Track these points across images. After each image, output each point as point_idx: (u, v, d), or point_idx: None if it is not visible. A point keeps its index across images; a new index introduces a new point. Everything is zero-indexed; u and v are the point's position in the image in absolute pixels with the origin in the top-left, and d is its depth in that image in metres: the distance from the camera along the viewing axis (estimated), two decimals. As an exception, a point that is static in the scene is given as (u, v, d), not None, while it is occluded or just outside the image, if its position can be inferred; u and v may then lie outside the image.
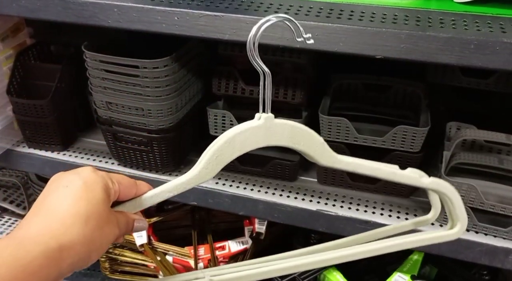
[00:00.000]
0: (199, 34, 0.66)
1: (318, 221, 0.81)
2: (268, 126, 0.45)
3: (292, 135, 0.46)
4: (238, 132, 0.45)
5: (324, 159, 0.48)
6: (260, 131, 0.45)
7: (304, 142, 0.47)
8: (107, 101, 0.81)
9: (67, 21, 0.72)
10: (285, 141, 0.46)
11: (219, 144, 0.45)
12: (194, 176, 0.46)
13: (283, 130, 0.45)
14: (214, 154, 0.45)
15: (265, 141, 0.46)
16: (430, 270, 0.94)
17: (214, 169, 0.46)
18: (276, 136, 0.46)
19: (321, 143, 0.47)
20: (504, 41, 0.56)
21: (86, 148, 0.97)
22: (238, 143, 0.45)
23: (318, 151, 0.47)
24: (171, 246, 0.98)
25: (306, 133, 0.47)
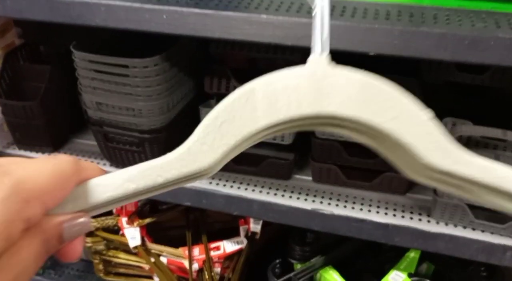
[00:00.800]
0: (189, 33, 0.65)
1: (313, 220, 0.80)
2: (322, 76, 0.28)
3: (363, 99, 0.28)
4: (264, 82, 0.28)
5: (436, 157, 0.28)
6: (306, 83, 0.28)
7: (390, 114, 0.28)
8: (97, 101, 0.80)
9: (54, 21, 0.70)
10: (350, 109, 0.28)
11: (230, 100, 0.29)
12: (179, 155, 0.29)
13: (347, 87, 0.28)
14: (217, 117, 0.28)
15: (312, 103, 0.28)
16: (427, 268, 0.93)
17: (216, 147, 0.28)
18: (334, 97, 0.28)
19: (424, 121, 0.28)
20: (498, 36, 0.55)
21: (77, 149, 0.95)
22: (263, 103, 0.28)
23: (422, 141, 0.28)
24: (165, 247, 0.97)
25: (393, 100, 0.28)
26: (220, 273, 0.98)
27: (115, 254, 1.02)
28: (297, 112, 0.29)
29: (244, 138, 0.29)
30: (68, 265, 1.13)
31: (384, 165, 0.79)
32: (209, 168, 0.29)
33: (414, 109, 0.28)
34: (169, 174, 0.29)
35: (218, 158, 0.29)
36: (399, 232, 0.76)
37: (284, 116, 0.29)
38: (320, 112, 0.29)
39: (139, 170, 0.29)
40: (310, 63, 0.29)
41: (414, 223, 0.76)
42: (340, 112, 0.28)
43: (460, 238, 0.73)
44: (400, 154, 0.30)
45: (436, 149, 0.28)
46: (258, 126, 0.29)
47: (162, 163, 0.29)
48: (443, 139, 0.28)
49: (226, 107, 0.29)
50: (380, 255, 0.97)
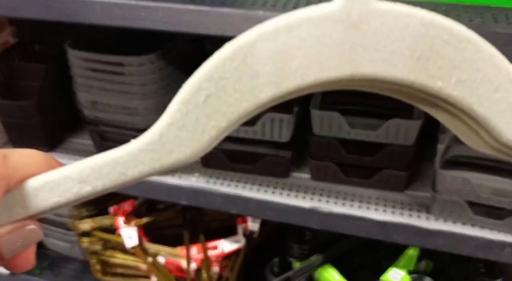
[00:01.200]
0: (185, 30, 0.64)
1: (311, 218, 0.79)
2: (360, 17, 0.20)
3: (422, 52, 0.20)
4: (270, 31, 0.20)
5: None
6: (335, 30, 0.20)
7: (458, 74, 0.20)
8: (93, 100, 0.80)
9: (48, 19, 0.69)
10: (399, 67, 0.20)
11: (217, 61, 0.21)
12: (148, 145, 0.21)
13: (398, 33, 0.20)
14: (199, 89, 0.21)
15: (344, 62, 0.20)
16: (426, 265, 0.93)
17: (201, 132, 0.21)
18: (376, 51, 0.20)
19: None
20: (496, 31, 0.54)
21: (73, 148, 0.95)
22: (268, 64, 0.20)
23: (504, 113, 0.21)
24: (162, 247, 0.96)
25: (467, 52, 0.20)
26: (218, 272, 0.97)
27: (112, 254, 1.02)
28: (320, 75, 0.20)
29: (240, 116, 0.21)
30: (66, 265, 1.12)
31: (382, 162, 0.78)
32: (192, 159, 0.22)
33: (496, 66, 0.20)
34: (136, 172, 0.21)
35: (205, 146, 0.21)
36: (397, 229, 0.76)
37: (300, 82, 0.20)
38: (353, 75, 0.20)
39: (94, 167, 0.22)
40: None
41: (412, 220, 0.75)
42: (384, 74, 0.20)
43: (458, 235, 0.73)
44: (459, 121, 0.23)
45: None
46: (260, 99, 0.20)
47: (125, 156, 0.21)
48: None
49: (212, 72, 0.20)
50: (379, 253, 0.97)
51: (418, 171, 0.84)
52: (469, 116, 0.21)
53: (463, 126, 0.23)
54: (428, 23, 0.20)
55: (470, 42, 0.20)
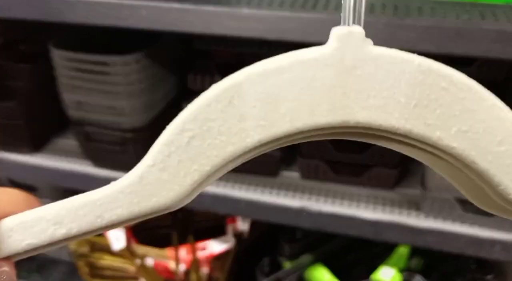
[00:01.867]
0: (170, 28, 0.63)
1: (301, 217, 0.79)
2: (353, 62, 0.19)
3: (418, 100, 0.19)
4: (258, 73, 0.19)
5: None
6: (327, 74, 0.19)
7: (458, 125, 0.19)
8: (78, 100, 0.78)
9: (32, 18, 0.68)
10: (395, 116, 0.19)
11: (202, 102, 0.20)
12: (127, 187, 0.20)
13: (394, 80, 0.19)
14: (183, 130, 0.20)
15: (335, 108, 0.19)
16: (417, 262, 0.93)
17: (183, 176, 0.20)
18: (370, 97, 0.19)
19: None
20: (483, 28, 0.54)
21: (59, 149, 0.93)
22: (255, 107, 0.19)
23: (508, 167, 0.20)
24: (151, 248, 0.95)
25: (467, 101, 0.19)
26: (208, 273, 0.96)
27: (100, 256, 1.00)
28: (309, 121, 0.19)
29: (225, 160, 0.20)
30: (54, 268, 1.11)
31: (372, 160, 0.78)
32: (174, 205, 0.21)
33: (499, 118, 0.19)
34: (114, 215, 0.20)
35: (187, 191, 0.20)
36: (387, 227, 0.75)
37: (288, 128, 0.19)
38: (346, 121, 0.19)
39: (70, 208, 0.20)
40: (336, 41, 0.19)
41: (402, 218, 0.75)
42: (378, 121, 0.19)
43: (449, 232, 0.72)
44: (467, 180, 0.21)
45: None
46: (246, 143, 0.19)
47: (103, 198, 0.20)
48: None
49: (197, 114, 0.19)
50: (370, 251, 0.97)
51: (408, 169, 0.84)
52: (473, 171, 0.20)
53: (468, 183, 0.22)
54: (425, 69, 0.19)
55: (471, 91, 0.19)
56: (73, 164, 0.88)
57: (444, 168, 0.22)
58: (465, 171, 0.20)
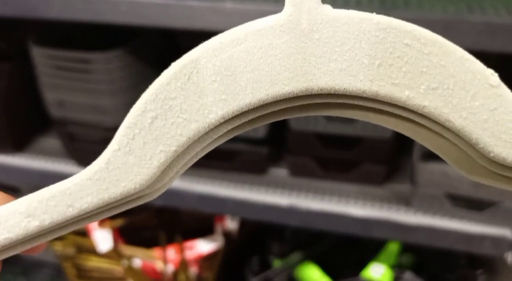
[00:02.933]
0: (151, 23, 0.62)
1: (290, 216, 0.78)
2: (310, 26, 0.18)
3: (382, 60, 0.18)
4: (214, 47, 0.19)
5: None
6: (284, 41, 0.18)
7: (427, 82, 0.18)
8: (59, 99, 0.76)
9: (6, 14, 0.66)
10: (359, 77, 0.18)
11: (162, 81, 0.19)
12: (94, 174, 0.20)
13: (354, 41, 0.18)
14: (145, 110, 0.19)
15: (296, 75, 0.18)
16: (407, 259, 0.93)
17: (149, 157, 0.19)
18: (331, 60, 0.18)
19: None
20: (471, 20, 0.53)
21: (42, 149, 0.91)
22: (214, 82, 0.19)
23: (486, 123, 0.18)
24: (138, 249, 0.93)
25: (434, 57, 0.18)
26: (197, 273, 0.95)
27: (87, 257, 0.99)
28: (271, 91, 0.18)
29: (191, 139, 0.19)
30: (39, 270, 1.09)
31: (361, 156, 0.77)
32: (145, 188, 0.20)
33: (469, 71, 0.18)
34: (84, 203, 0.20)
35: (155, 174, 0.19)
36: (377, 224, 0.75)
37: (250, 99, 0.18)
38: (309, 88, 0.18)
39: (41, 200, 0.20)
40: (290, 7, 0.18)
41: (392, 214, 0.74)
42: (343, 85, 0.18)
43: (438, 228, 0.72)
44: (451, 147, 0.21)
45: (510, 134, 0.18)
46: (210, 119, 0.19)
47: (72, 187, 0.20)
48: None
49: (158, 93, 0.19)
50: (360, 248, 0.96)
51: (396, 165, 0.83)
52: (450, 132, 0.19)
53: (453, 151, 0.21)
54: (386, 27, 0.18)
55: (436, 45, 0.18)
56: (57, 164, 0.86)
57: (426, 138, 0.21)
58: (444, 135, 0.20)
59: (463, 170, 0.22)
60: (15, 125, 0.88)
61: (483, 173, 0.21)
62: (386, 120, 0.21)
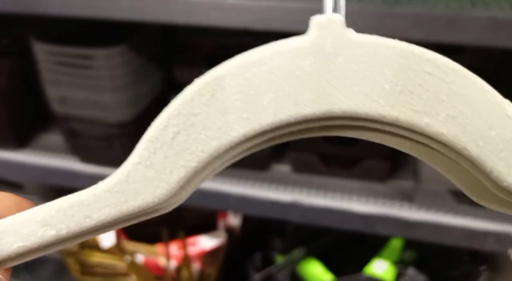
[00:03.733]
0: (152, 19, 0.61)
1: (293, 212, 0.77)
2: (334, 51, 0.18)
3: (403, 87, 0.18)
4: (239, 66, 0.19)
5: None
6: (307, 64, 0.18)
7: (446, 110, 0.18)
8: (62, 95, 0.76)
9: (7, 11, 0.66)
10: (380, 104, 0.18)
11: (185, 97, 0.19)
12: (114, 186, 0.20)
13: (376, 67, 0.18)
14: (167, 125, 0.19)
15: (318, 98, 0.19)
16: (410, 255, 0.92)
17: (169, 172, 0.19)
18: (353, 85, 0.18)
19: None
20: (474, 15, 0.53)
21: (44, 145, 0.91)
22: (238, 100, 0.19)
23: (501, 153, 0.19)
24: (141, 245, 0.94)
25: (454, 87, 0.18)
26: (200, 269, 0.95)
27: (90, 253, 0.99)
28: (293, 112, 0.19)
29: (211, 156, 0.19)
30: (43, 266, 1.09)
31: (364, 152, 0.76)
32: (163, 202, 0.20)
33: (488, 101, 0.18)
34: (102, 215, 0.20)
35: (174, 188, 0.20)
36: (380, 220, 0.74)
37: (272, 119, 0.19)
38: (331, 111, 0.19)
39: (59, 209, 0.20)
40: (315, 30, 0.18)
41: (395, 210, 0.74)
42: (364, 109, 0.18)
43: (442, 224, 0.72)
44: (463, 173, 0.21)
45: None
46: (231, 137, 0.19)
47: (90, 198, 0.20)
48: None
49: (181, 109, 0.19)
50: (363, 244, 0.96)
51: (399, 161, 0.83)
52: (465, 159, 0.19)
53: (466, 177, 0.21)
54: (409, 54, 0.18)
55: (457, 74, 0.18)
56: (59, 160, 0.87)
57: (439, 162, 0.21)
58: (458, 161, 0.20)
59: (473, 195, 0.22)
60: (17, 121, 0.88)
61: (494, 199, 0.21)
62: (401, 143, 0.21)
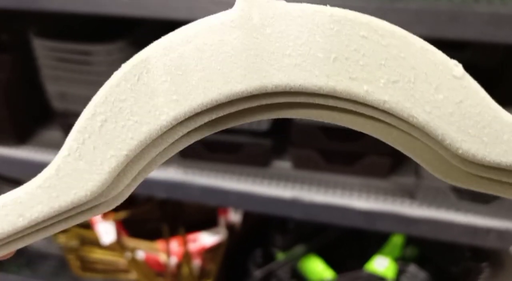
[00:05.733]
0: (152, 15, 0.61)
1: (293, 208, 0.77)
2: (262, 21, 0.17)
3: (337, 53, 0.17)
4: (164, 46, 0.18)
5: (480, 142, 0.17)
6: (235, 37, 0.17)
7: (387, 76, 0.17)
8: (61, 91, 0.76)
9: (7, 7, 0.65)
10: (314, 73, 0.17)
11: (111, 83, 0.19)
12: (45, 181, 0.19)
13: (307, 35, 0.17)
14: (94, 114, 0.18)
15: (249, 72, 0.17)
16: (411, 251, 0.92)
17: (100, 162, 0.18)
18: (285, 56, 0.17)
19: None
20: (476, 11, 0.52)
21: (44, 141, 0.91)
22: (165, 82, 0.18)
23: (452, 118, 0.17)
24: (141, 241, 0.94)
25: (393, 48, 0.17)
26: (200, 265, 0.95)
27: (91, 250, 0.99)
28: (223, 90, 0.17)
29: (143, 143, 0.18)
30: (44, 262, 1.09)
31: (365, 148, 0.76)
32: (98, 195, 0.19)
33: (431, 62, 0.17)
34: (35, 212, 0.19)
35: (106, 179, 0.18)
36: (381, 217, 0.74)
37: (202, 100, 0.17)
38: (263, 86, 0.17)
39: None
40: (241, 2, 0.17)
41: (396, 207, 0.74)
42: (298, 81, 0.17)
43: (443, 221, 0.71)
44: (420, 146, 0.20)
45: (479, 128, 0.17)
46: (161, 121, 0.18)
47: (23, 195, 0.19)
48: (488, 111, 0.17)
49: (107, 95, 0.18)
50: (364, 241, 0.96)
51: (401, 157, 0.82)
52: (419, 131, 0.18)
53: (426, 152, 0.20)
54: (340, 19, 0.17)
55: (394, 36, 0.17)
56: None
57: (398, 139, 0.20)
58: (413, 134, 0.18)
59: (438, 173, 0.20)
60: (17, 118, 0.88)
61: (459, 175, 0.20)
62: (353, 121, 0.20)
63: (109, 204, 0.20)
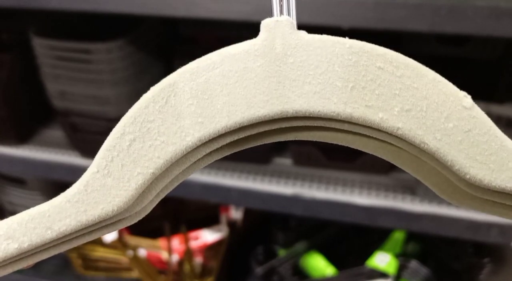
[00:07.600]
0: (151, 12, 0.61)
1: (294, 205, 0.77)
2: (284, 51, 0.18)
3: (355, 83, 0.18)
4: (191, 71, 0.19)
5: (486, 169, 0.18)
6: (259, 66, 0.19)
7: (400, 104, 0.18)
8: (61, 90, 0.76)
9: (7, 5, 0.65)
10: (332, 101, 0.18)
11: (140, 105, 0.19)
12: (73, 196, 0.20)
13: (326, 65, 0.18)
14: (123, 133, 0.19)
15: (271, 98, 0.19)
16: (413, 247, 0.92)
17: (127, 179, 0.19)
18: (305, 84, 0.18)
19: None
20: (476, 5, 0.52)
21: (45, 140, 0.91)
22: (191, 105, 0.19)
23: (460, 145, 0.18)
24: (143, 239, 0.94)
25: (406, 80, 0.18)
26: (202, 262, 0.95)
27: (93, 248, 0.99)
28: (246, 114, 0.18)
29: (168, 162, 0.19)
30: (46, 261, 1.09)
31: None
32: (123, 210, 0.20)
33: (442, 93, 0.18)
34: (62, 226, 0.19)
35: (133, 196, 0.19)
36: (382, 213, 0.74)
37: (226, 123, 0.19)
38: (284, 111, 0.18)
39: (21, 222, 0.19)
40: (264, 32, 0.18)
41: (397, 203, 0.74)
42: (317, 107, 0.18)
43: (445, 216, 0.71)
44: (428, 169, 0.21)
45: (486, 156, 0.18)
46: (187, 142, 0.19)
47: (51, 209, 0.19)
48: (495, 140, 0.18)
49: (136, 116, 0.19)
50: (366, 237, 0.96)
51: (402, 153, 0.82)
52: (429, 156, 0.19)
53: (434, 175, 0.21)
54: (358, 51, 0.18)
55: (408, 68, 0.18)
56: (60, 155, 0.86)
57: (406, 161, 0.21)
58: (422, 158, 0.19)
59: (445, 195, 0.21)
60: (18, 117, 0.88)
61: (465, 197, 0.21)
62: (365, 144, 0.21)
63: (132, 218, 0.21)
